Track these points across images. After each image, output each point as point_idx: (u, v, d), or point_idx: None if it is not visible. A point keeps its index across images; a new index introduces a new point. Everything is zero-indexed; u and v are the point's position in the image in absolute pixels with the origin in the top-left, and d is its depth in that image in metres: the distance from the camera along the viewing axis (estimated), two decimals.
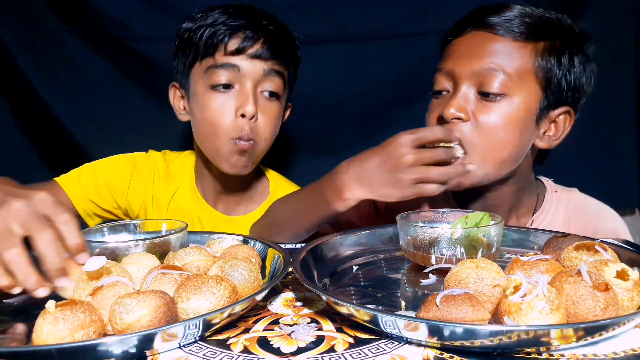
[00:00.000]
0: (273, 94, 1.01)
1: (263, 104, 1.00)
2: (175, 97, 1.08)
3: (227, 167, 1.02)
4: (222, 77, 0.97)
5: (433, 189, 0.79)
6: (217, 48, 0.97)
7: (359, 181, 0.81)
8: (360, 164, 0.82)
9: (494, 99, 0.84)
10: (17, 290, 0.60)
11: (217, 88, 0.98)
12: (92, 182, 1.08)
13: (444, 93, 0.89)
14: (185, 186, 1.12)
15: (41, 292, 0.59)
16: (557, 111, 0.88)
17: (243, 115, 0.97)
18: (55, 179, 1.08)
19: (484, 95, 0.84)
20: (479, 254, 0.70)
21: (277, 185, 1.15)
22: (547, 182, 1.03)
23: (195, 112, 1.02)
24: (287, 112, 1.12)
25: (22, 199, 0.60)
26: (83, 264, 0.59)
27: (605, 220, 0.99)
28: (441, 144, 0.82)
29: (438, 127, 0.82)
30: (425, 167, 0.78)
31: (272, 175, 1.18)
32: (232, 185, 1.10)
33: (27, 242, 0.71)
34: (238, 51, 0.97)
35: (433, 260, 0.71)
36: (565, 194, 1.01)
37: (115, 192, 1.10)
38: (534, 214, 0.98)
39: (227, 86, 0.98)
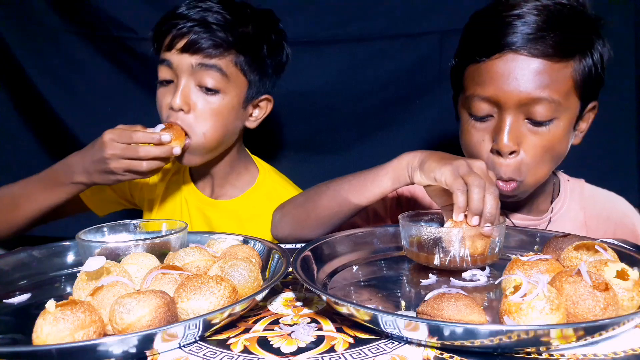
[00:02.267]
0: (210, 89, 0.99)
1: (198, 98, 0.99)
2: None
3: (177, 159, 1.05)
4: (162, 72, 1.01)
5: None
6: (160, 44, 1.02)
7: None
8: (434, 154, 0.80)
9: (543, 125, 0.83)
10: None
11: (160, 83, 1.03)
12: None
13: (487, 118, 0.86)
14: (181, 169, 1.18)
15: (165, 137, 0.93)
16: (587, 107, 0.89)
17: (172, 109, 0.99)
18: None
19: (534, 123, 0.83)
20: (494, 252, 0.71)
21: (266, 177, 1.16)
22: (558, 172, 1.04)
23: None
24: (268, 106, 1.11)
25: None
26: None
27: (615, 206, 1.02)
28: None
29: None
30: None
31: (263, 167, 1.20)
32: (217, 170, 1.12)
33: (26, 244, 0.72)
34: (170, 46, 0.99)
35: (437, 261, 0.71)
36: (577, 184, 1.03)
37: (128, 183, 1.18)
38: (551, 202, 0.99)
39: (168, 82, 1.02)
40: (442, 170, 0.73)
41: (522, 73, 0.81)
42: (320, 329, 0.58)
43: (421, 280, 0.70)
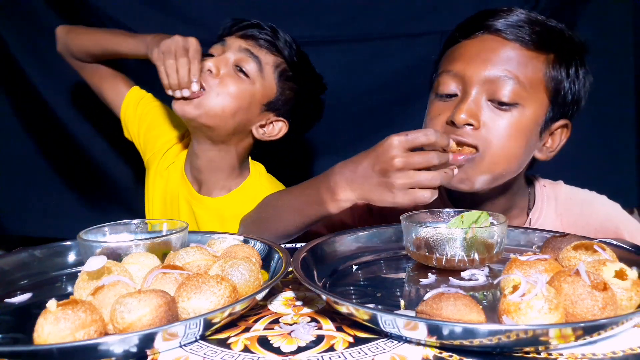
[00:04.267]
0: (241, 70, 1.07)
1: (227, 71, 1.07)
2: None
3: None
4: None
5: (426, 196, 0.73)
6: None
7: (351, 183, 0.77)
8: (353, 166, 0.78)
9: (506, 108, 0.82)
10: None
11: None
12: (133, 105, 1.25)
13: (451, 96, 0.86)
14: (180, 161, 1.21)
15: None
16: (557, 124, 0.88)
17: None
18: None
19: (497, 103, 0.82)
20: (492, 252, 0.71)
21: (255, 180, 1.18)
22: (535, 178, 1.02)
23: None
24: (280, 127, 1.15)
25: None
26: None
27: (595, 209, 0.98)
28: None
29: (432, 130, 0.75)
30: (415, 172, 0.73)
31: (257, 169, 1.21)
32: (205, 165, 1.14)
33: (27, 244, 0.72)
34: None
35: (443, 261, 0.71)
36: (553, 188, 1.00)
37: (143, 127, 1.24)
38: (528, 214, 0.98)
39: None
40: (371, 193, 0.77)
41: (492, 53, 0.83)
42: (320, 328, 0.58)
43: (420, 279, 0.70)
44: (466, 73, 0.84)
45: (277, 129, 1.15)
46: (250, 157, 1.20)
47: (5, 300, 0.67)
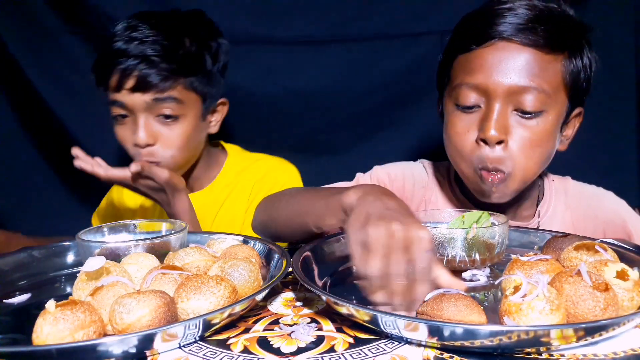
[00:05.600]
0: (168, 116, 1.02)
1: (160, 128, 1.03)
2: None
3: None
4: (115, 110, 1.03)
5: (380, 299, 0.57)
6: (105, 85, 1.02)
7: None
8: (374, 201, 0.63)
9: (531, 116, 0.82)
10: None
11: (117, 119, 1.05)
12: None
13: (474, 108, 0.85)
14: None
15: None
16: (573, 113, 0.88)
17: (138, 145, 1.02)
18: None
19: (522, 113, 0.82)
20: (494, 253, 0.71)
21: (234, 158, 1.20)
22: (544, 173, 1.02)
23: None
24: (224, 109, 1.14)
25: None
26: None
27: (603, 203, 0.99)
28: None
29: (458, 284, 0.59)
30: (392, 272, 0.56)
31: (232, 150, 1.22)
32: (187, 172, 1.14)
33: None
34: (118, 88, 1.00)
35: (444, 262, 0.71)
36: (562, 182, 1.01)
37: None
38: (537, 205, 0.98)
39: (123, 116, 1.03)
40: (348, 235, 0.60)
41: (512, 61, 0.81)
42: (320, 329, 0.58)
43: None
44: (489, 85, 0.82)
45: (220, 111, 1.13)
46: (220, 142, 1.23)
47: (4, 300, 0.67)
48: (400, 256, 0.55)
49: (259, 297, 0.60)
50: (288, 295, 0.69)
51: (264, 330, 0.58)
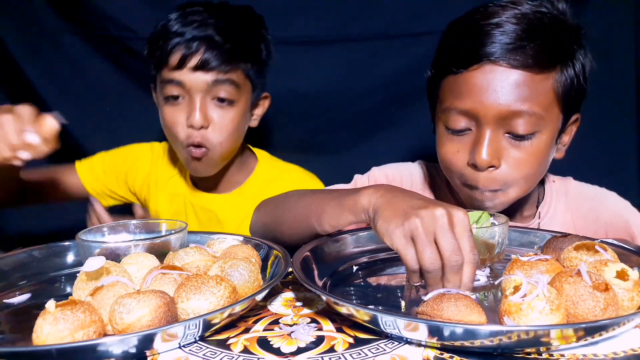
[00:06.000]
0: (224, 100, 1.02)
1: (214, 111, 1.02)
2: (155, 98, 1.13)
3: (191, 171, 1.12)
4: (170, 89, 1.02)
5: (411, 266, 0.60)
6: (163, 62, 1.01)
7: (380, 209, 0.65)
8: (402, 196, 0.65)
9: (524, 139, 0.80)
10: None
11: (169, 100, 1.03)
12: (101, 169, 1.21)
13: (465, 131, 0.83)
14: (180, 174, 1.20)
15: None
16: (570, 121, 0.87)
17: (192, 127, 1.01)
18: (76, 162, 1.23)
19: (515, 136, 0.80)
20: (494, 253, 0.70)
21: (265, 164, 1.20)
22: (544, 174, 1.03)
23: (160, 119, 1.08)
24: (266, 103, 1.14)
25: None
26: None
27: (605, 204, 0.98)
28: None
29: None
30: (431, 245, 0.59)
31: (262, 155, 1.22)
32: (220, 170, 1.14)
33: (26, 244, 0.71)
34: (179, 66, 0.99)
35: None
36: (562, 183, 1.01)
37: (124, 177, 1.22)
38: (537, 206, 0.98)
39: (176, 97, 1.02)
40: (390, 232, 0.61)
41: (501, 85, 0.78)
42: (320, 329, 0.58)
43: (422, 280, 0.70)
44: (479, 111, 0.79)
45: (262, 105, 1.14)
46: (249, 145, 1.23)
47: (4, 300, 0.67)
48: (450, 235, 0.58)
49: (259, 297, 0.60)
50: (288, 295, 0.69)
51: (264, 330, 0.58)
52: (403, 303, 0.63)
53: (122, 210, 1.23)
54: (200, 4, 1.04)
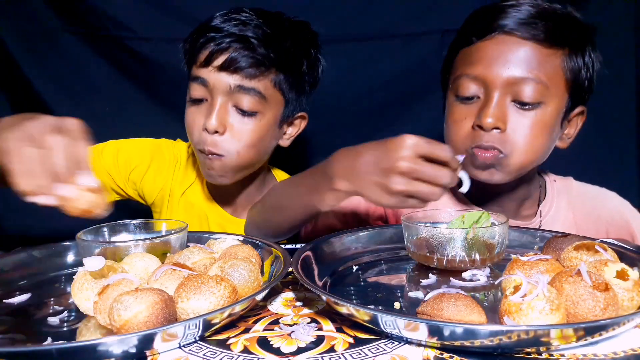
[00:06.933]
0: (246, 112, 0.95)
1: (234, 119, 0.95)
2: None
3: (205, 176, 1.04)
4: (195, 90, 0.97)
5: (413, 203, 0.68)
6: (194, 59, 0.97)
7: (349, 175, 0.71)
8: (355, 157, 0.72)
9: (529, 107, 0.83)
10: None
11: (192, 101, 0.98)
12: (112, 158, 1.10)
13: (474, 99, 0.87)
14: (199, 182, 1.13)
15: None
16: (574, 111, 0.90)
17: (207, 130, 0.95)
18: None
19: (520, 104, 0.84)
20: (494, 253, 0.71)
21: None
22: (545, 173, 1.04)
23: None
24: (302, 124, 1.08)
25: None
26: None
27: (606, 204, 1.00)
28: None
29: (448, 148, 0.68)
30: (417, 182, 0.66)
31: (279, 175, 1.19)
32: (236, 186, 1.08)
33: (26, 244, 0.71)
34: (206, 63, 0.94)
35: (444, 262, 0.71)
36: (564, 183, 1.02)
37: (132, 173, 1.10)
38: (539, 205, 0.99)
39: (200, 100, 0.97)
40: (366, 189, 0.69)
41: (511, 54, 0.83)
42: (320, 329, 0.58)
43: (421, 280, 0.70)
44: (487, 76, 0.84)
45: (297, 125, 1.07)
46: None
47: (4, 300, 0.67)
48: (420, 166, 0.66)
49: (259, 297, 0.60)
50: (288, 295, 0.69)
51: (264, 330, 0.58)
52: (397, 304, 0.63)
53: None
54: (254, 8, 0.99)
